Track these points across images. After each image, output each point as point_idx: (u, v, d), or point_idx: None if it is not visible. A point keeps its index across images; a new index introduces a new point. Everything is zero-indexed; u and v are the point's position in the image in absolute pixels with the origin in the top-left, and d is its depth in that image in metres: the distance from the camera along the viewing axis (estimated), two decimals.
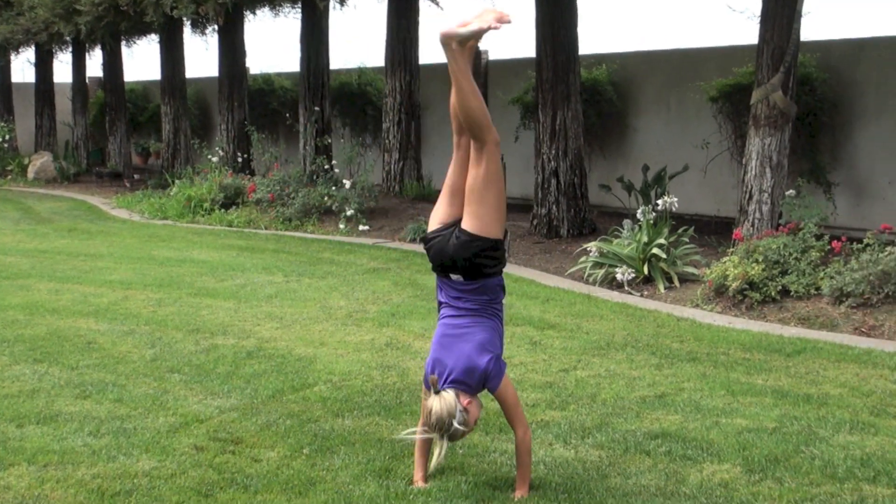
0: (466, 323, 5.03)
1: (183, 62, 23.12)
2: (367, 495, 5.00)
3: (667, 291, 10.39)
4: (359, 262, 12.46)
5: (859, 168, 14.24)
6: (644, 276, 10.68)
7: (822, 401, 6.66)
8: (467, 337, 5.02)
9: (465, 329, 5.03)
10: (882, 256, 9.29)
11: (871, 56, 14.17)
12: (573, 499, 4.96)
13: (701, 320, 9.18)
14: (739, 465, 5.48)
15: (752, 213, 11.28)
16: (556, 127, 14.08)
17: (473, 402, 5.03)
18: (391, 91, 18.27)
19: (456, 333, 5.04)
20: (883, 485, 5.21)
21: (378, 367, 7.49)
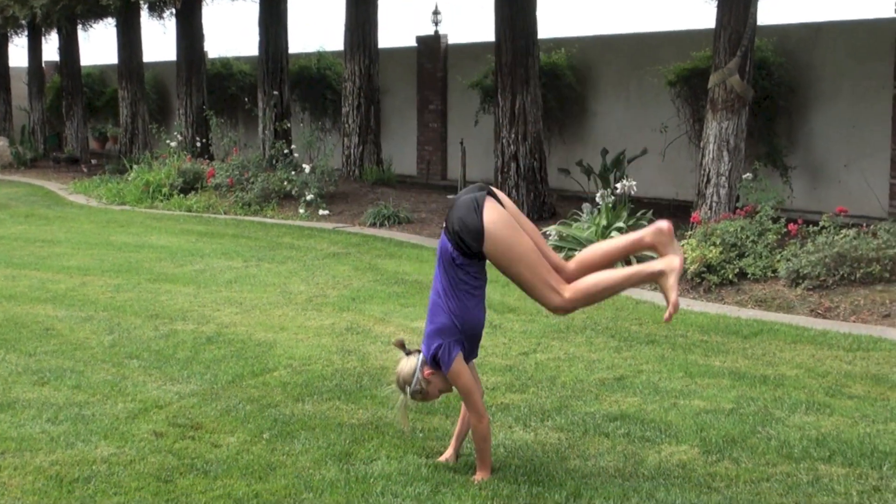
0: (435, 301, 5.06)
1: (140, 46, 22.94)
2: (327, 479, 5.01)
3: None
4: (319, 246, 12.44)
5: (815, 151, 14.38)
6: None
7: (779, 382, 6.73)
8: (431, 318, 5.08)
9: (433, 308, 5.09)
10: (837, 239, 9.39)
11: (826, 40, 14.29)
12: (532, 481, 4.99)
13: (660, 303, 9.23)
14: (697, 446, 5.53)
15: (709, 197, 11.36)
16: (516, 111, 14.11)
17: (437, 375, 5.05)
18: (350, 75, 18.22)
19: (430, 309, 5.12)
20: (838, 464, 5.28)
21: (338, 352, 7.49)
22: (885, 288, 8.99)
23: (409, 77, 20.78)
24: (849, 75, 13.98)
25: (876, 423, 5.91)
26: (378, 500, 4.78)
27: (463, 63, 19.40)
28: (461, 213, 4.90)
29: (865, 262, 9.14)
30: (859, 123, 13.85)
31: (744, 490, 4.94)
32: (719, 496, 4.84)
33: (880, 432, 5.75)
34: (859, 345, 7.70)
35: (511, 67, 14.09)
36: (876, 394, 6.49)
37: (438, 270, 5.03)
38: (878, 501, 4.80)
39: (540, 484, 4.96)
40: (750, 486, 4.99)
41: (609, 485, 4.95)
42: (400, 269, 10.86)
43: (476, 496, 4.79)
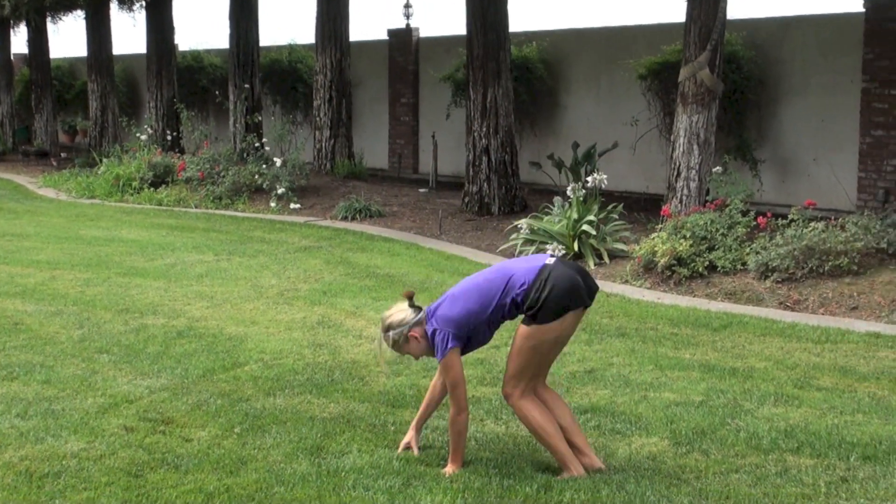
0: (477, 285, 5.09)
1: (110, 39, 22.78)
2: (298, 473, 5.01)
3: (597, 268, 10.49)
4: (290, 240, 12.42)
5: (785, 145, 14.47)
6: (574, 252, 10.77)
7: (748, 374, 6.78)
8: (459, 297, 5.10)
9: (468, 289, 5.11)
10: (806, 232, 9.46)
11: (796, 34, 14.38)
12: (504, 473, 5.00)
13: (630, 296, 9.29)
14: (667, 438, 5.57)
15: (680, 190, 11.40)
16: (487, 104, 14.12)
17: (422, 342, 5.09)
18: (322, 68, 18.18)
19: (466, 286, 5.16)
20: (806, 455, 5.32)
21: (309, 346, 7.49)
22: (853, 281, 9.07)
23: (380, 70, 20.75)
24: (818, 69, 14.07)
25: (844, 415, 5.97)
26: (349, 493, 4.78)
27: (434, 56, 19.39)
28: (565, 289, 4.92)
29: (834, 255, 9.22)
30: (828, 117, 13.95)
31: (713, 481, 4.97)
32: (689, 488, 4.87)
33: (848, 423, 5.81)
34: (827, 337, 7.77)
35: (482, 61, 14.10)
36: (844, 385, 6.55)
37: (498, 276, 5.04)
38: (846, 492, 4.84)
39: (511, 476, 4.98)
40: (719, 478, 5.02)
41: (580, 477, 4.97)
42: (371, 263, 10.86)
43: (447, 489, 4.80)
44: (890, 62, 13.05)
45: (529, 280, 4.94)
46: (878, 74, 13.16)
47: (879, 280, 9.03)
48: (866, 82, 13.29)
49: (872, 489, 4.86)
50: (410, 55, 20.17)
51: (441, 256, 11.32)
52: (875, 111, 13.21)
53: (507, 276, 5.03)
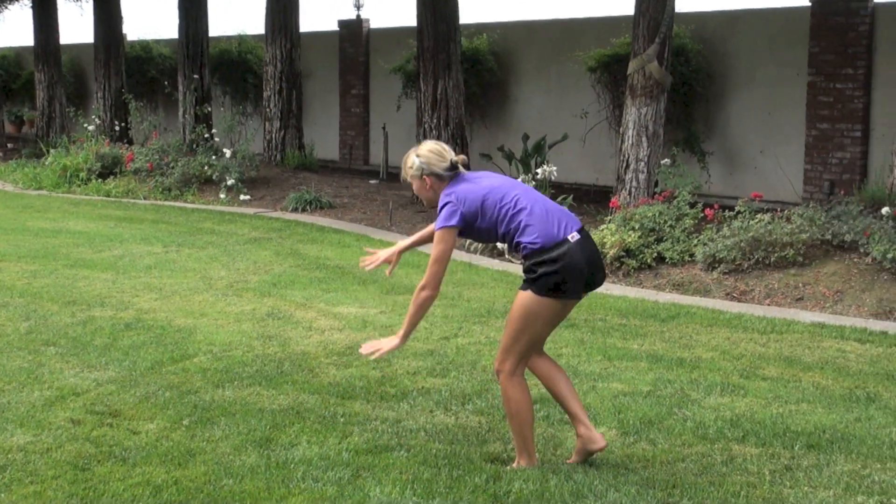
0: (494, 188, 5.01)
1: (57, 28, 22.52)
2: (247, 465, 5.00)
3: None
4: (240, 231, 12.36)
5: (732, 137, 14.61)
6: None
7: (695, 364, 6.86)
8: (479, 185, 5.03)
9: (494, 183, 5.05)
10: (752, 224, 9.57)
11: (743, 28, 14.52)
12: (453, 464, 5.02)
13: None
14: (615, 428, 5.62)
15: (629, 182, 11.49)
16: (438, 96, 14.13)
17: (430, 192, 5.11)
18: (272, 59, 18.09)
19: (497, 183, 5.07)
20: (751, 444, 5.39)
21: (259, 338, 7.46)
22: (799, 272, 9.18)
23: (331, 61, 20.69)
24: (765, 63, 14.22)
25: (788, 404, 6.05)
26: (298, 485, 4.77)
27: (385, 48, 19.36)
28: (567, 277, 4.85)
29: (779, 246, 9.33)
30: (775, 110, 14.10)
31: (660, 470, 5.03)
32: (636, 477, 4.92)
33: (792, 413, 5.89)
34: (773, 327, 7.87)
35: (433, 52, 14.11)
36: (789, 375, 6.64)
37: (523, 207, 4.91)
38: (790, 480, 4.91)
39: (460, 467, 4.99)
40: (666, 467, 5.08)
41: (528, 467, 5.00)
42: (322, 255, 10.84)
43: (396, 480, 4.81)
44: (835, 56, 13.23)
45: (542, 242, 4.84)
46: (824, 68, 13.34)
47: (824, 271, 9.15)
48: (812, 76, 13.46)
49: (816, 477, 4.94)
50: (361, 46, 20.12)
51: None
52: (820, 104, 13.39)
53: (527, 214, 4.91)
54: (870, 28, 13.03)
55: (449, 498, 4.65)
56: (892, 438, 5.47)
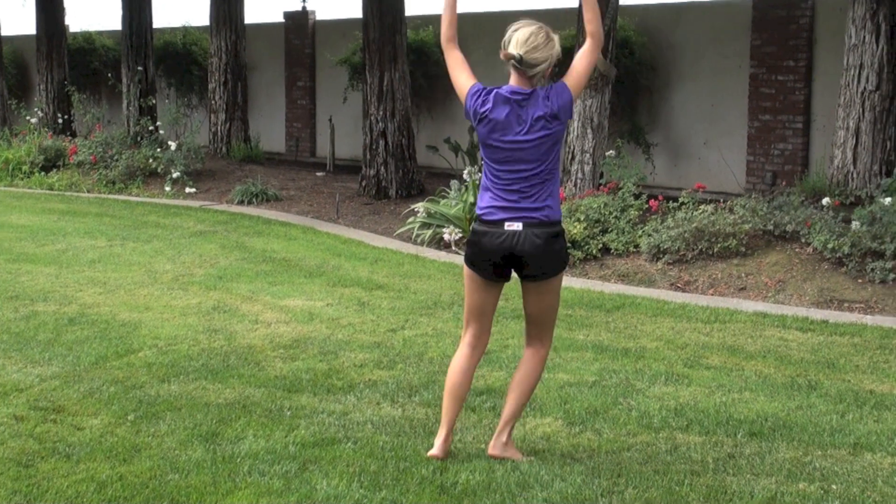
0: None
1: None
2: (193, 460, 4.98)
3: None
4: (185, 225, 12.27)
5: (676, 129, 14.73)
6: None
7: (640, 354, 6.92)
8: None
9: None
10: (696, 214, 9.67)
11: (687, 20, 14.64)
12: (400, 456, 5.03)
13: None
14: (561, 419, 5.66)
15: (574, 174, 11.56)
16: (384, 88, 14.11)
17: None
18: (217, 51, 17.98)
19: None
20: (695, 433, 5.46)
21: (205, 331, 7.43)
22: (741, 262, 9.29)
23: (276, 53, 20.58)
24: (708, 55, 14.35)
25: (731, 393, 6.13)
26: (245, 479, 4.76)
27: (331, 39, 19.29)
28: (477, 250, 4.95)
29: (722, 236, 9.43)
30: (718, 102, 14.24)
31: (605, 460, 5.07)
32: (582, 466, 4.96)
33: (735, 401, 5.97)
34: (716, 317, 7.96)
35: (379, 44, 14.08)
36: (732, 364, 6.72)
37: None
38: (733, 468, 4.98)
39: (407, 459, 5.01)
40: (611, 456, 5.13)
41: (475, 458, 5.03)
42: (268, 247, 10.79)
43: (343, 473, 4.81)
44: (776, 48, 13.39)
45: (480, 213, 4.94)
46: (766, 60, 13.49)
47: (766, 261, 9.27)
48: (754, 68, 13.61)
49: (758, 465, 5.01)
50: (307, 38, 20.03)
51: (338, 240, 11.30)
52: (762, 96, 13.55)
53: (493, 175, 4.95)
54: (810, 21, 13.20)
55: (396, 490, 4.66)
56: (833, 425, 5.56)
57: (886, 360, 6.87)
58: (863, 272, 8.79)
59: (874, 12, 10.70)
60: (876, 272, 8.70)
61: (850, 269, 8.86)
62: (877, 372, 6.60)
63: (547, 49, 4.89)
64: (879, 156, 10.78)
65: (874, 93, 10.77)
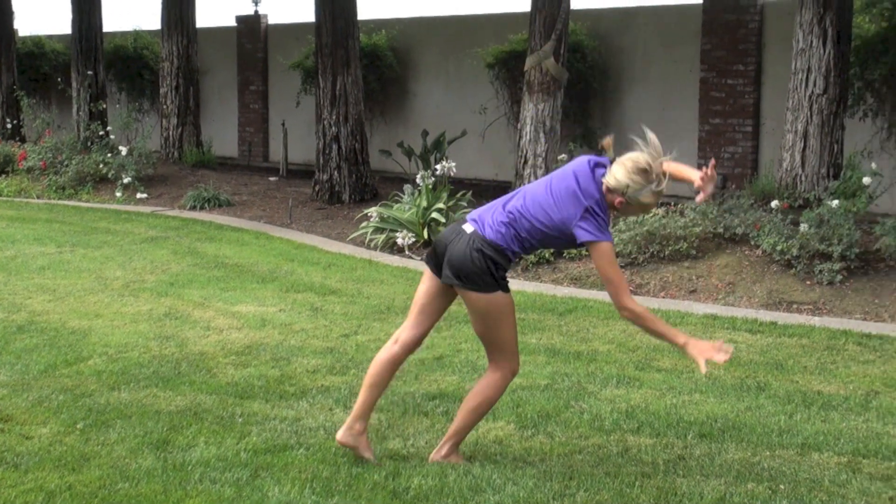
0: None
1: None
2: (143, 468, 4.94)
3: None
4: (136, 230, 12.18)
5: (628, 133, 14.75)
6: (424, 240, 10.85)
7: (592, 357, 6.96)
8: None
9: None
10: (648, 218, 9.73)
11: (637, 24, 14.75)
12: (352, 462, 5.03)
13: None
14: (513, 422, 5.67)
15: (527, 178, 11.59)
16: (337, 92, 14.09)
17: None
18: (168, 55, 17.87)
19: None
20: (646, 435, 5.50)
21: (156, 338, 7.37)
22: (692, 265, 9.37)
23: (229, 57, 20.49)
24: (659, 59, 14.46)
25: (682, 395, 6.18)
26: (196, 486, 4.74)
27: (284, 43, 19.24)
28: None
29: (673, 239, 9.51)
30: (669, 105, 14.35)
31: (557, 463, 5.10)
32: (534, 469, 4.98)
33: (685, 403, 6.02)
34: (667, 319, 7.99)
35: (332, 48, 14.06)
36: (682, 366, 6.77)
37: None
38: (683, 469, 5.02)
39: (359, 465, 5.00)
40: (563, 459, 5.15)
41: (427, 463, 5.03)
42: (220, 253, 10.74)
43: (296, 479, 4.80)
44: (726, 52, 13.52)
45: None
46: (716, 64, 13.62)
47: (716, 264, 9.35)
48: (704, 72, 13.74)
49: (708, 466, 5.05)
50: (259, 42, 19.96)
51: (291, 245, 11.27)
52: (713, 100, 13.68)
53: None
54: (759, 25, 13.35)
55: (348, 496, 4.66)
56: (781, 426, 5.63)
57: (834, 360, 6.96)
58: (811, 274, 8.90)
59: (821, 17, 10.82)
60: (824, 274, 8.81)
61: (798, 270, 8.96)
62: (824, 373, 6.68)
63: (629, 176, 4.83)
64: (827, 159, 10.91)
65: (821, 96, 10.90)
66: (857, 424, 5.69)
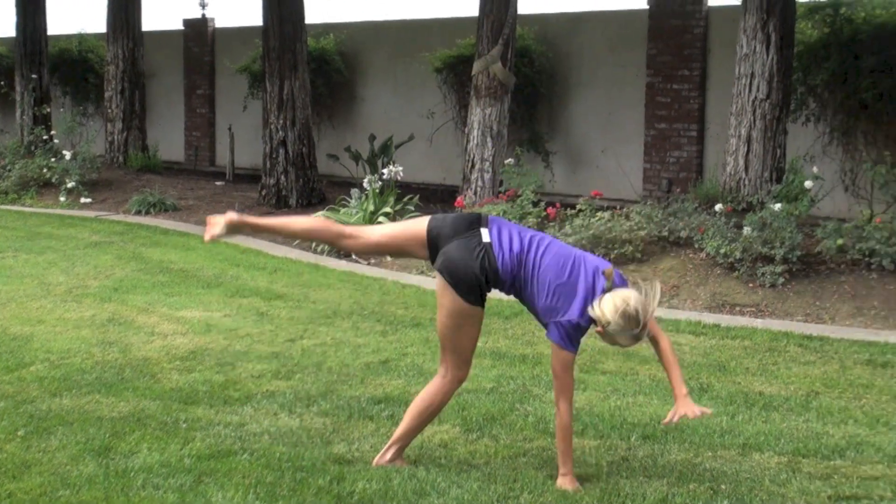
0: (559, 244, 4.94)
1: None
2: (85, 475, 4.89)
3: (393, 260, 10.58)
4: (80, 235, 12.06)
5: (575, 137, 14.91)
6: None
7: (537, 360, 6.99)
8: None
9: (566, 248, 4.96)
10: (593, 221, 9.80)
11: (585, 30, 14.83)
12: (297, 467, 5.01)
13: (425, 287, 9.41)
14: (458, 426, 5.68)
15: (474, 182, 11.64)
16: (284, 97, 14.05)
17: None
18: (113, 58, 17.72)
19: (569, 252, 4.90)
20: (590, 437, 5.54)
21: (99, 344, 7.30)
22: (637, 268, 9.44)
23: (175, 61, 20.35)
24: (606, 64, 14.55)
25: (626, 397, 6.23)
26: (139, 493, 4.70)
27: (231, 47, 19.14)
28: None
29: (619, 243, 9.58)
30: (616, 110, 14.45)
31: (502, 465, 5.11)
32: (479, 472, 4.99)
33: (629, 405, 6.06)
34: None
35: (279, 52, 14.02)
36: (626, 369, 6.83)
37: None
38: (626, 471, 5.06)
39: (304, 469, 4.99)
40: (508, 462, 5.17)
41: (372, 467, 5.03)
42: (165, 258, 10.66)
43: (239, 485, 4.77)
44: (672, 57, 13.63)
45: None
46: (662, 69, 13.73)
47: (661, 266, 9.43)
48: (650, 77, 13.85)
49: (651, 467, 5.10)
50: (206, 46, 19.85)
51: (237, 250, 11.20)
52: (659, 105, 13.79)
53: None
54: (704, 31, 13.48)
55: (292, 500, 4.64)
56: (723, 427, 5.68)
57: (775, 362, 7.05)
58: (754, 276, 9.00)
59: (765, 23, 10.95)
60: (766, 276, 8.91)
61: (741, 273, 9.06)
62: (766, 374, 6.77)
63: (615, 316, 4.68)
64: (770, 163, 11.04)
65: (765, 101, 11.02)
66: (798, 424, 5.77)
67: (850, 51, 11.49)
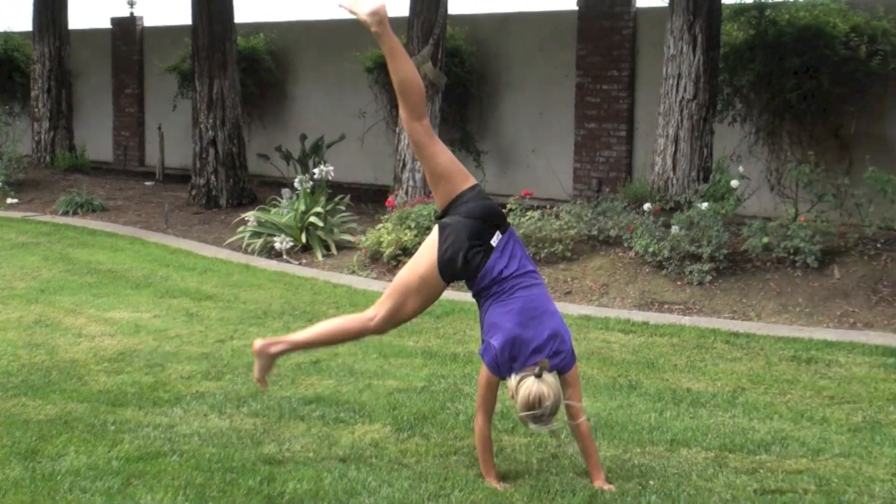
0: (542, 293, 4.84)
1: None
2: (10, 479, 4.82)
3: (325, 259, 10.57)
4: (6, 236, 11.87)
5: (506, 137, 14.98)
6: (302, 244, 10.81)
7: (468, 359, 7.02)
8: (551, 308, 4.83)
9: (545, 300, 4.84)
10: (523, 221, 9.86)
11: (515, 30, 14.91)
12: (227, 468, 4.99)
13: (357, 286, 9.41)
14: (389, 425, 5.70)
15: (405, 182, 11.65)
16: (214, 96, 13.95)
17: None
18: (40, 57, 17.47)
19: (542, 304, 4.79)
20: (520, 434, 5.57)
21: (25, 346, 7.20)
22: (567, 266, 9.52)
23: (103, 60, 20.11)
24: (536, 64, 14.64)
25: None
26: (66, 496, 4.65)
27: (160, 46, 18.95)
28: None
29: (549, 242, 9.65)
30: (546, 110, 14.54)
31: (433, 464, 5.13)
32: (409, 471, 5.00)
33: None
34: None
35: (209, 52, 13.91)
36: None
37: (531, 277, 4.89)
38: (556, 468, 5.11)
39: (234, 471, 4.97)
40: (439, 460, 5.19)
41: (303, 467, 5.02)
42: (93, 259, 10.53)
43: (168, 487, 4.74)
44: (601, 58, 13.75)
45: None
46: (591, 70, 13.85)
47: (591, 265, 9.52)
48: (580, 77, 13.95)
49: (580, 464, 5.14)
50: (135, 45, 19.64)
51: (166, 251, 11.11)
52: (588, 105, 13.90)
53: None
54: (633, 31, 13.61)
55: (222, 502, 4.63)
56: (652, 423, 5.75)
57: (703, 358, 7.15)
58: (682, 274, 9.12)
59: (691, 24, 11.09)
60: (694, 274, 9.04)
61: (669, 271, 9.17)
62: (693, 370, 6.86)
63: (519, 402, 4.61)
64: (697, 162, 11.18)
65: (692, 102, 11.16)
66: (724, 420, 5.85)
67: (775, 52, 11.67)
